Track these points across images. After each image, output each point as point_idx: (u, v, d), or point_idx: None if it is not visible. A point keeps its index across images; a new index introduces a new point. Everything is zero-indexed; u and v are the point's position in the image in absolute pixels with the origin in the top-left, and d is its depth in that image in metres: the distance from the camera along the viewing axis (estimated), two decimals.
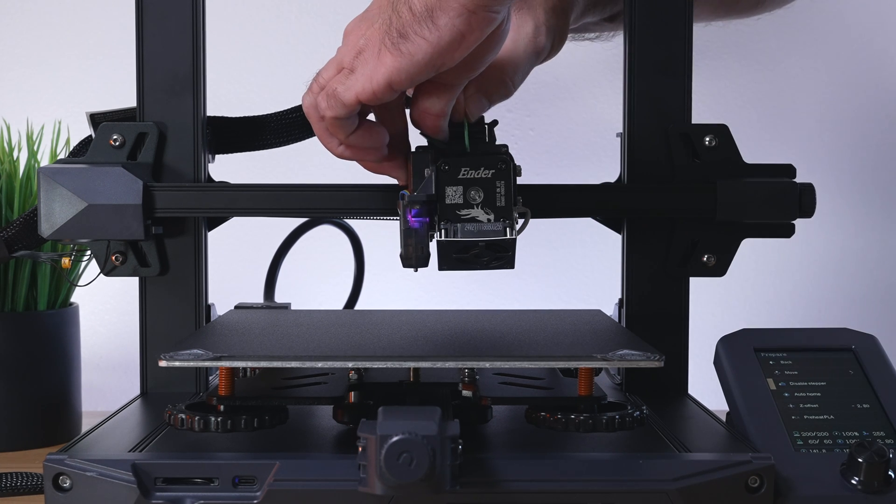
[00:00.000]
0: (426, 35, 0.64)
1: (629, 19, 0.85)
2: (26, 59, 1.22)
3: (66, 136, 1.02)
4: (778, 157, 0.83)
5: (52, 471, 0.64)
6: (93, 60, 1.22)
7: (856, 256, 1.28)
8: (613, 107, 0.94)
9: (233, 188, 0.83)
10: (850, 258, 1.27)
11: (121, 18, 1.12)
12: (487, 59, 0.69)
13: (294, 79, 1.20)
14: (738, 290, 1.21)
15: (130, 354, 0.88)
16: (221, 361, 0.65)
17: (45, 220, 0.80)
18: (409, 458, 0.58)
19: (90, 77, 1.22)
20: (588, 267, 1.23)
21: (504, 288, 1.24)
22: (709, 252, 0.84)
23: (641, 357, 0.66)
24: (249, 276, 0.97)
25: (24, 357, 0.93)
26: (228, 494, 0.64)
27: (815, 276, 1.26)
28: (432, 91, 0.70)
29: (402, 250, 0.71)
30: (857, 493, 0.66)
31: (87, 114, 0.85)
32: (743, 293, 1.23)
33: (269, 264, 0.96)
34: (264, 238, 0.96)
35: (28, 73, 1.23)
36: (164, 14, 0.84)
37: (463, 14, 0.63)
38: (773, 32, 1.20)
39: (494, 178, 0.70)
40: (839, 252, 1.27)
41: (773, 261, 1.23)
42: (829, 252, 1.27)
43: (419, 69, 0.66)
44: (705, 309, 0.93)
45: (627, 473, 0.64)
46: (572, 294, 1.23)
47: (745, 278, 1.19)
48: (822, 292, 1.26)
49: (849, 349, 0.76)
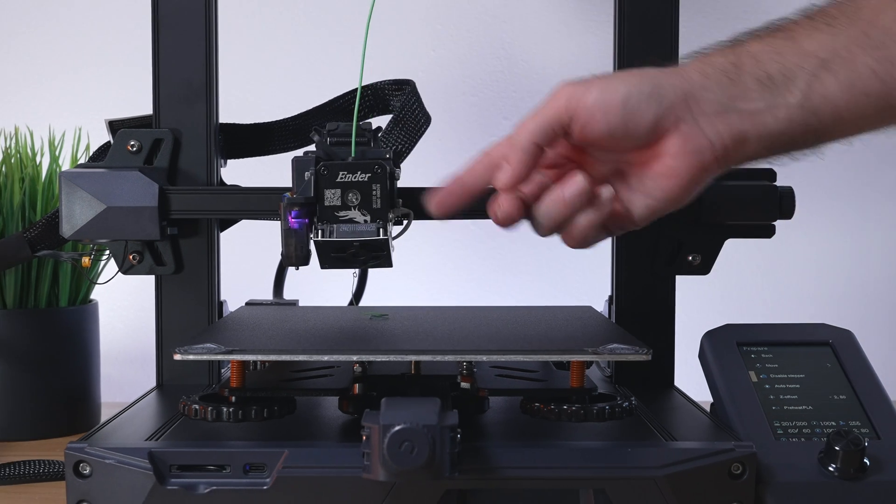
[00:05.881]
0: None
1: (619, 31, 0.85)
2: (49, 69, 1.22)
3: (87, 142, 1.02)
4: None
5: (72, 458, 0.64)
6: (111, 71, 1.22)
7: (833, 256, 1.28)
8: None
9: (244, 191, 0.83)
10: (827, 257, 1.27)
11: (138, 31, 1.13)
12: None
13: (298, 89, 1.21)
14: (721, 288, 1.21)
15: (147, 348, 0.88)
16: (233, 355, 0.65)
17: (66, 222, 0.80)
18: (411, 446, 0.58)
19: (109, 86, 1.22)
20: (580, 266, 1.23)
21: (500, 285, 1.24)
22: (694, 252, 0.84)
23: (630, 351, 0.66)
24: (259, 274, 0.97)
25: (45, 351, 0.93)
26: (239, 481, 0.64)
27: (795, 274, 1.26)
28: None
29: (282, 249, 0.71)
30: (833, 479, 0.66)
31: (105, 121, 0.85)
32: (726, 290, 1.22)
33: (277, 263, 0.96)
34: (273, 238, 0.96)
35: (50, 83, 1.22)
36: (178, 27, 0.84)
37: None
38: None
39: (370, 182, 0.70)
40: (817, 252, 1.27)
41: (754, 260, 1.23)
42: (807, 252, 1.27)
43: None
44: (690, 305, 0.93)
45: (617, 461, 0.64)
46: (565, 291, 1.23)
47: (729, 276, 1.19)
48: (801, 290, 1.26)
49: (826, 343, 0.76)
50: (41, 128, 1.02)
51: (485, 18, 1.23)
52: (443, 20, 1.23)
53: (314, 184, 0.70)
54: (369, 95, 0.85)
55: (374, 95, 0.86)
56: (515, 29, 1.23)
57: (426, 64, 1.23)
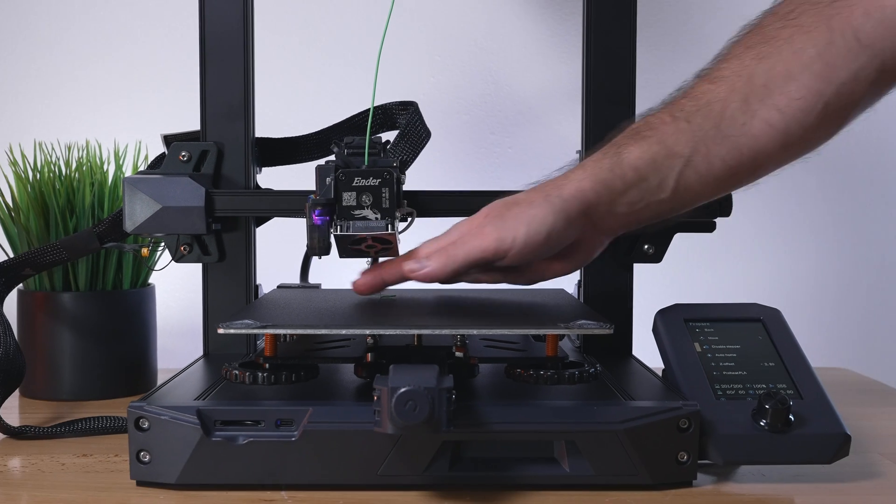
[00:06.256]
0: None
1: (586, 61, 0.84)
2: (115, 93, 1.22)
3: (145, 153, 1.02)
4: None
5: (134, 415, 0.64)
6: (166, 94, 1.21)
7: (763, 247, 1.28)
8: (573, 129, 0.93)
9: (275, 194, 0.82)
10: (759, 247, 1.27)
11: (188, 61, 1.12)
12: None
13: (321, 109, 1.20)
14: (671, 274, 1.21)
15: (195, 324, 0.88)
16: (267, 329, 0.65)
17: (128, 219, 0.79)
18: (414, 405, 0.58)
19: (164, 107, 1.21)
20: None
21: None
22: (648, 244, 0.84)
23: (595, 326, 0.66)
24: (289, 262, 0.97)
25: (111, 326, 0.93)
26: (272, 433, 0.64)
27: (732, 262, 1.26)
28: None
29: (308, 242, 0.71)
30: (764, 432, 0.66)
31: (161, 135, 0.85)
32: (675, 276, 1.22)
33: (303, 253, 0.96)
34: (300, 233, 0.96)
35: (116, 104, 1.22)
36: (221, 58, 0.83)
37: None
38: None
39: (381, 186, 0.70)
40: (751, 243, 1.27)
41: (699, 250, 1.23)
42: (742, 243, 1.26)
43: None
44: (645, 288, 0.92)
45: (585, 417, 0.64)
46: None
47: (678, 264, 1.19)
48: (737, 274, 1.26)
49: (758, 320, 0.76)
50: (108, 141, 1.02)
51: (475, 50, 1.23)
52: (440, 52, 1.22)
53: (334, 187, 0.70)
54: (379, 114, 0.85)
55: (384, 114, 0.85)
56: (500, 59, 1.23)
57: (427, 88, 1.22)
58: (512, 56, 1.22)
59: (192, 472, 0.63)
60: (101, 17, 1.20)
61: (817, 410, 0.67)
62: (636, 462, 0.64)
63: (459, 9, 1.22)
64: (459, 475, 0.64)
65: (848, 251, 1.28)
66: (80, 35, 1.21)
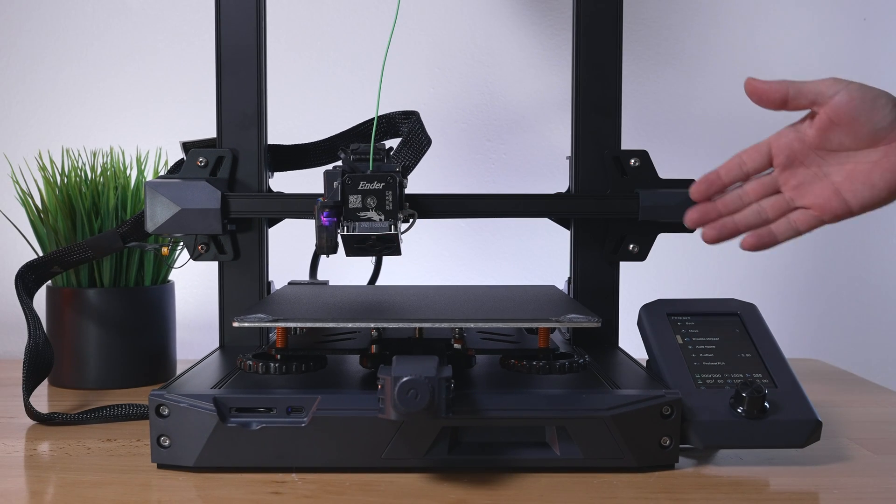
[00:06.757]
0: None
1: (575, 72, 0.84)
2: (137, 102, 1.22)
3: (165, 159, 1.02)
4: (685, 173, 0.83)
5: (154, 402, 0.64)
6: (185, 103, 1.21)
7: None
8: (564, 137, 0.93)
9: (286, 197, 0.82)
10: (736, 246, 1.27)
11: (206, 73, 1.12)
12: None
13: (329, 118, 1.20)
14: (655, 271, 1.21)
15: (212, 318, 0.88)
16: (279, 323, 0.65)
17: (149, 220, 0.79)
18: (415, 393, 0.58)
19: (183, 116, 1.21)
20: (546, 254, 1.23)
21: (484, 269, 1.24)
22: (634, 243, 0.83)
23: (584, 319, 0.66)
24: (298, 260, 0.97)
25: (134, 320, 0.93)
26: (283, 420, 0.64)
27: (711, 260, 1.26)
28: None
29: (316, 241, 0.71)
30: (741, 419, 0.66)
31: (180, 142, 0.85)
32: (659, 273, 1.22)
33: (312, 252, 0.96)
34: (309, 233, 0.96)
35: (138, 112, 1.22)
36: (236, 70, 0.83)
37: None
38: (685, 90, 1.20)
39: (384, 189, 0.71)
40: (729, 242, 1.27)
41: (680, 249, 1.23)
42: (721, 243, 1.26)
43: None
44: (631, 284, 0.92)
45: (574, 404, 0.64)
46: (535, 273, 1.23)
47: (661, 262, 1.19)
48: (717, 272, 1.26)
49: (735, 314, 0.76)
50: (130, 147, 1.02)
51: (472, 63, 1.23)
52: (440, 65, 1.22)
53: (341, 191, 0.70)
54: (383, 123, 0.85)
55: (388, 123, 0.85)
56: (496, 72, 1.22)
57: (427, 98, 1.22)
58: (506, 68, 1.22)
59: (208, 456, 0.63)
60: (124, 32, 1.20)
61: (791, 398, 0.67)
62: (622, 446, 0.64)
63: (458, 25, 1.22)
64: (458, 458, 0.64)
65: (819, 248, 1.28)
66: (105, 48, 1.21)
